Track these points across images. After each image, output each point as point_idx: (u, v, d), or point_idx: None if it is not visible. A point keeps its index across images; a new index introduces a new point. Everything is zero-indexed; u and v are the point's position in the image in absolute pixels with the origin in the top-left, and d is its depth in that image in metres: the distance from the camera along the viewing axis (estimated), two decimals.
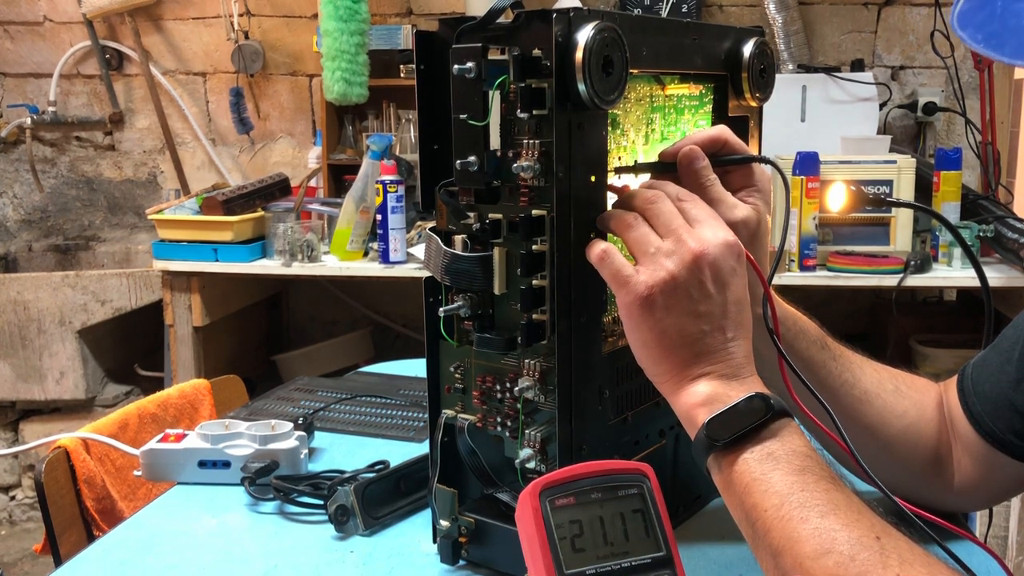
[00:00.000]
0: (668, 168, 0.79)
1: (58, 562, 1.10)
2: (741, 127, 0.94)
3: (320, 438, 1.22)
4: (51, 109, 3.35)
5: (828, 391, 0.85)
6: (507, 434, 0.80)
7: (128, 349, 3.03)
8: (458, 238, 0.78)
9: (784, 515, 0.62)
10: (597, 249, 0.71)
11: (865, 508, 0.62)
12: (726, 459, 0.66)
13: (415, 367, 1.58)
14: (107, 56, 3.36)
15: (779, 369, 0.74)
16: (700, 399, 0.68)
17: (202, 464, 1.08)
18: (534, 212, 0.73)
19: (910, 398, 0.89)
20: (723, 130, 0.81)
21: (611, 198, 0.78)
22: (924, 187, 2.50)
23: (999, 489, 0.88)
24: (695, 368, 0.69)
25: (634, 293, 0.69)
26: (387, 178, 2.51)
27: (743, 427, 0.66)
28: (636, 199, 0.73)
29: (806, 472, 0.64)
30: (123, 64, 3.39)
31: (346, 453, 1.18)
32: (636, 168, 0.81)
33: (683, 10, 2.96)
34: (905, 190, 2.44)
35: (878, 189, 2.45)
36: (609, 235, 0.75)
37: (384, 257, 2.56)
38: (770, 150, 0.86)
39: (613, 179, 0.80)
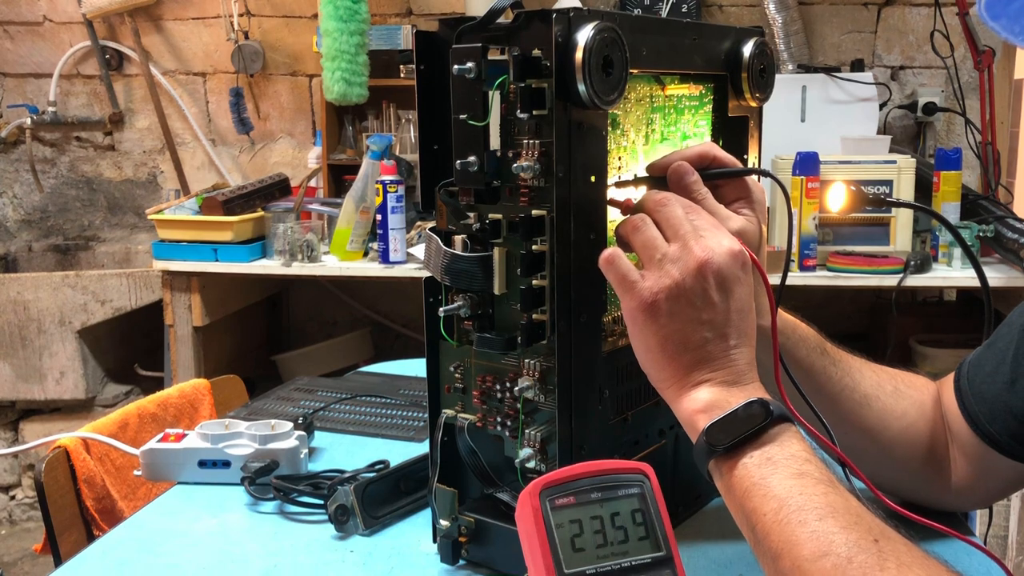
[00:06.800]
0: (659, 183, 0.80)
1: (58, 562, 1.10)
2: (741, 127, 0.94)
3: (320, 438, 1.22)
4: (51, 109, 3.35)
5: (829, 397, 0.85)
6: (507, 434, 0.80)
7: (128, 349, 3.03)
8: (458, 238, 0.78)
9: (783, 518, 0.62)
10: (605, 252, 0.71)
11: (864, 511, 0.62)
12: (726, 464, 0.67)
13: (415, 367, 1.58)
14: (107, 56, 3.36)
15: (774, 378, 0.75)
16: (700, 405, 0.69)
17: (202, 464, 1.08)
18: (534, 212, 0.73)
19: (909, 398, 0.89)
20: (710, 146, 0.81)
21: (613, 212, 0.78)
22: (924, 187, 2.50)
23: (996, 488, 0.88)
24: (697, 374, 0.70)
25: (639, 298, 0.69)
26: (387, 178, 2.51)
27: (742, 432, 0.66)
28: (646, 202, 0.73)
29: (804, 476, 0.64)
30: (123, 64, 3.39)
31: (346, 453, 1.18)
32: (632, 183, 0.81)
33: (683, 10, 2.96)
34: (905, 190, 2.44)
35: (878, 189, 2.44)
36: (615, 240, 0.75)
37: (384, 257, 2.56)
38: (770, 150, 0.86)
39: (613, 191, 0.80)
